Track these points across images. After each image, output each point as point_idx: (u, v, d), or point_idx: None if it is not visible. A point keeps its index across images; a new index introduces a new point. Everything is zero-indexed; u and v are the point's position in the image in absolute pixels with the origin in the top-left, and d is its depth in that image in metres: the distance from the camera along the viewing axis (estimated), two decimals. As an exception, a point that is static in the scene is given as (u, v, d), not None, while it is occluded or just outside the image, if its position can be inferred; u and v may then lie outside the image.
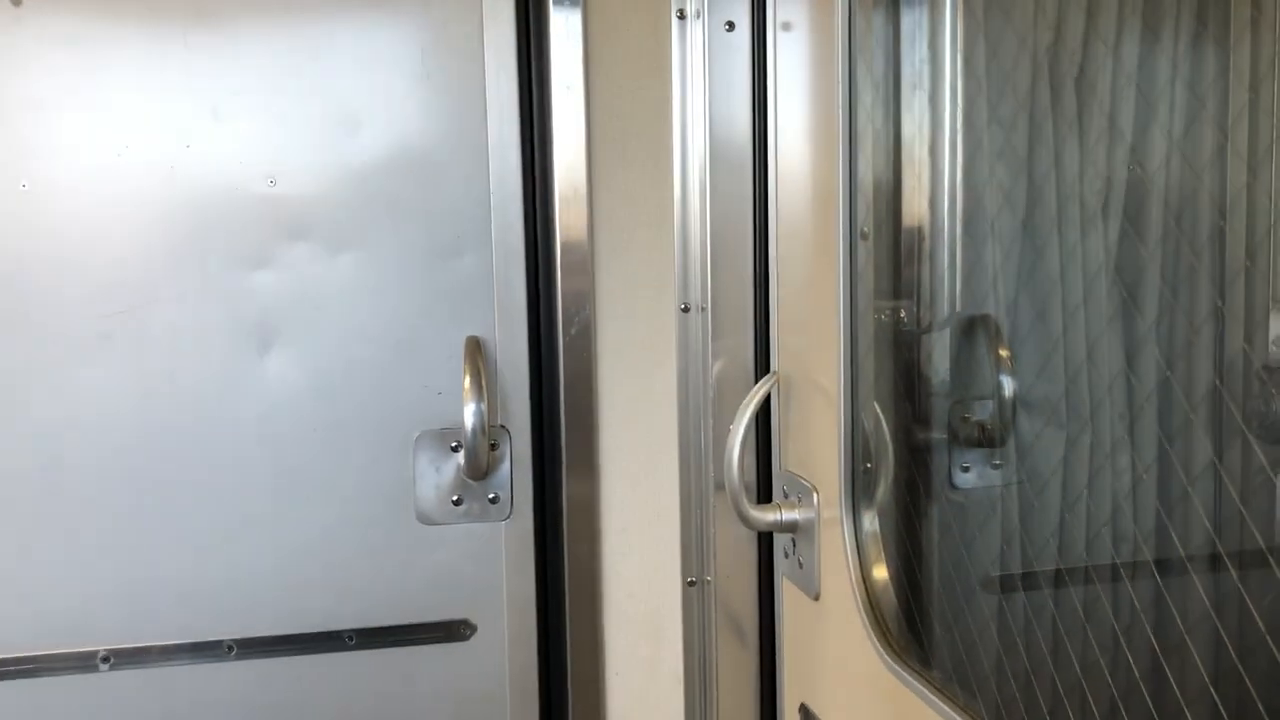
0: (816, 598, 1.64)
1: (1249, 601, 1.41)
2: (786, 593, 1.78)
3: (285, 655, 1.88)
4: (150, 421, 1.80)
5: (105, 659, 1.82)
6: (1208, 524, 1.53)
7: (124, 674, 1.83)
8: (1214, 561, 1.54)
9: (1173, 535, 1.55)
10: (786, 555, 1.75)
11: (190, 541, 1.83)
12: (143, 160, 1.76)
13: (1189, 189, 1.54)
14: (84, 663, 1.82)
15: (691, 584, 1.91)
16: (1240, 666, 1.35)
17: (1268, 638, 1.30)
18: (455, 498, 1.89)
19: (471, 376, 1.81)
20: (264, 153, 1.79)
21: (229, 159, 1.78)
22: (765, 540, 1.85)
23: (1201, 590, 1.48)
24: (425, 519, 1.89)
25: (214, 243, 1.79)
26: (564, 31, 1.79)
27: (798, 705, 1.76)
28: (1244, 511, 1.53)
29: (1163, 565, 1.55)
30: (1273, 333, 1.55)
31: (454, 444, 1.87)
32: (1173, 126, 1.54)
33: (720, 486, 1.83)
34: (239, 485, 1.84)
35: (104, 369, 1.78)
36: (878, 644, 1.46)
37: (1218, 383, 1.52)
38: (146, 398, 1.80)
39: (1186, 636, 1.46)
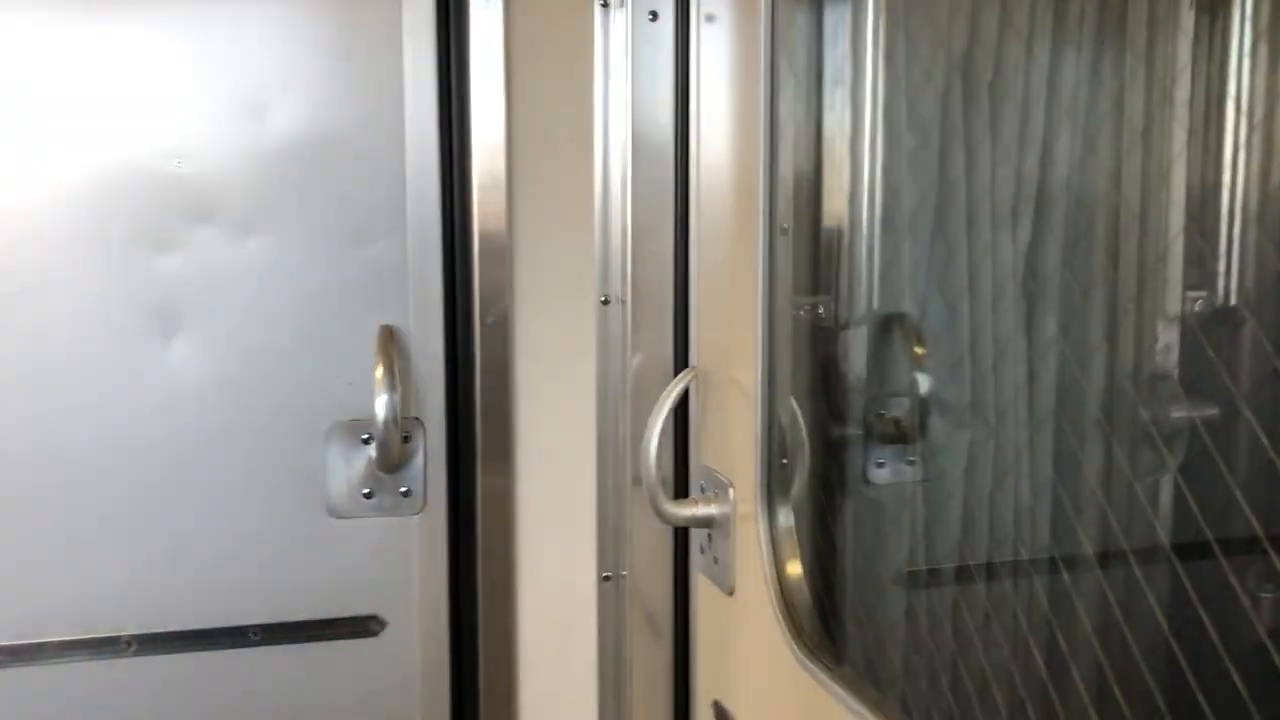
0: (731, 593, 1.64)
1: (1149, 596, 1.44)
2: (701, 588, 1.78)
3: (188, 651, 1.82)
4: (47, 410, 1.73)
5: (-6, 656, 1.75)
6: (1113, 521, 1.57)
7: (17, 671, 1.76)
8: (1116, 558, 1.57)
9: (1079, 532, 1.58)
10: (702, 550, 1.74)
11: (88, 534, 1.77)
12: (39, 136, 1.68)
13: (1097, 192, 1.57)
14: (-29, 660, 1.74)
15: (607, 579, 1.90)
16: (1142, 661, 1.38)
17: (1166, 632, 1.33)
18: (366, 491, 1.85)
19: (384, 367, 1.77)
20: (169, 130, 1.72)
21: (132, 136, 1.71)
22: (681, 535, 1.84)
23: (1106, 586, 1.51)
24: (335, 512, 1.84)
25: (115, 224, 1.73)
26: (485, 16, 1.76)
27: (710, 701, 1.75)
28: (1142, 508, 1.57)
29: (1069, 562, 1.58)
30: (1160, 341, 1.59)
31: (365, 436, 1.83)
32: (1083, 130, 1.56)
33: (637, 481, 1.82)
34: (140, 476, 1.77)
35: (-4, 353, 1.71)
36: (790, 640, 1.46)
37: (1118, 385, 1.56)
38: (41, 385, 1.73)
39: (1091, 632, 1.48)
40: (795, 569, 1.52)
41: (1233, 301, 1.59)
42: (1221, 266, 1.58)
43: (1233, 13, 1.54)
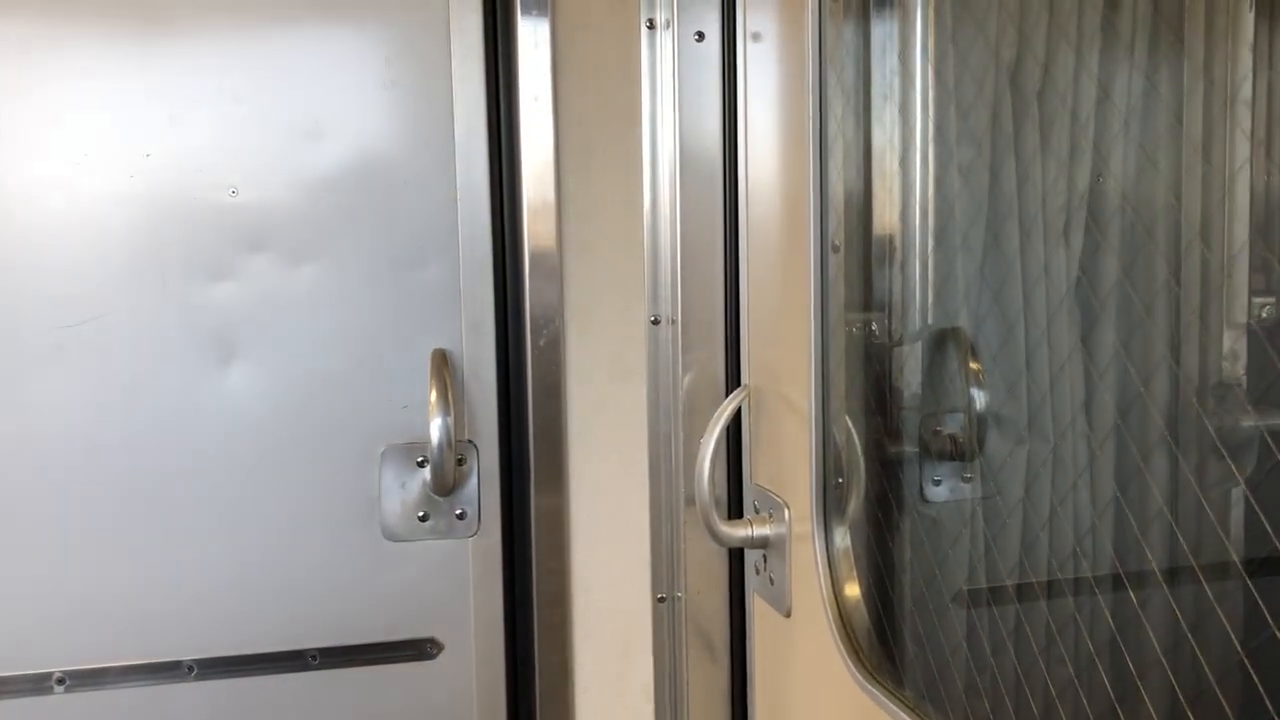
0: (788, 614, 1.62)
1: (1220, 613, 1.41)
2: (757, 609, 1.76)
3: (247, 675, 1.84)
4: (107, 436, 1.76)
5: (60, 680, 1.78)
6: (1180, 536, 1.53)
7: (80, 695, 1.79)
8: (1184, 574, 1.53)
9: (1145, 548, 1.55)
10: (758, 571, 1.73)
11: (149, 559, 1.79)
12: (100, 169, 1.72)
13: (1155, 203, 1.54)
14: (38, 685, 1.77)
15: (661, 600, 1.89)
16: (1212, 678, 1.34)
17: (1238, 647, 1.30)
18: (421, 513, 1.85)
19: (438, 390, 1.78)
20: (225, 162, 1.75)
21: (189, 168, 1.74)
22: (736, 556, 1.83)
23: (1173, 602, 1.47)
24: (391, 535, 1.85)
25: (173, 253, 1.75)
26: (532, 41, 1.77)
27: (769, 723, 1.74)
28: (1210, 523, 1.53)
29: (1135, 578, 1.55)
30: (1226, 348, 1.55)
31: (420, 459, 1.84)
32: (1140, 140, 1.54)
33: (691, 501, 1.81)
34: (199, 501, 1.80)
35: (59, 382, 1.74)
36: (849, 661, 1.44)
37: (1183, 397, 1.52)
38: (103, 412, 1.76)
39: (1159, 650, 1.45)
40: (853, 590, 1.50)
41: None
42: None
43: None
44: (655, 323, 1.84)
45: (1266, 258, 1.53)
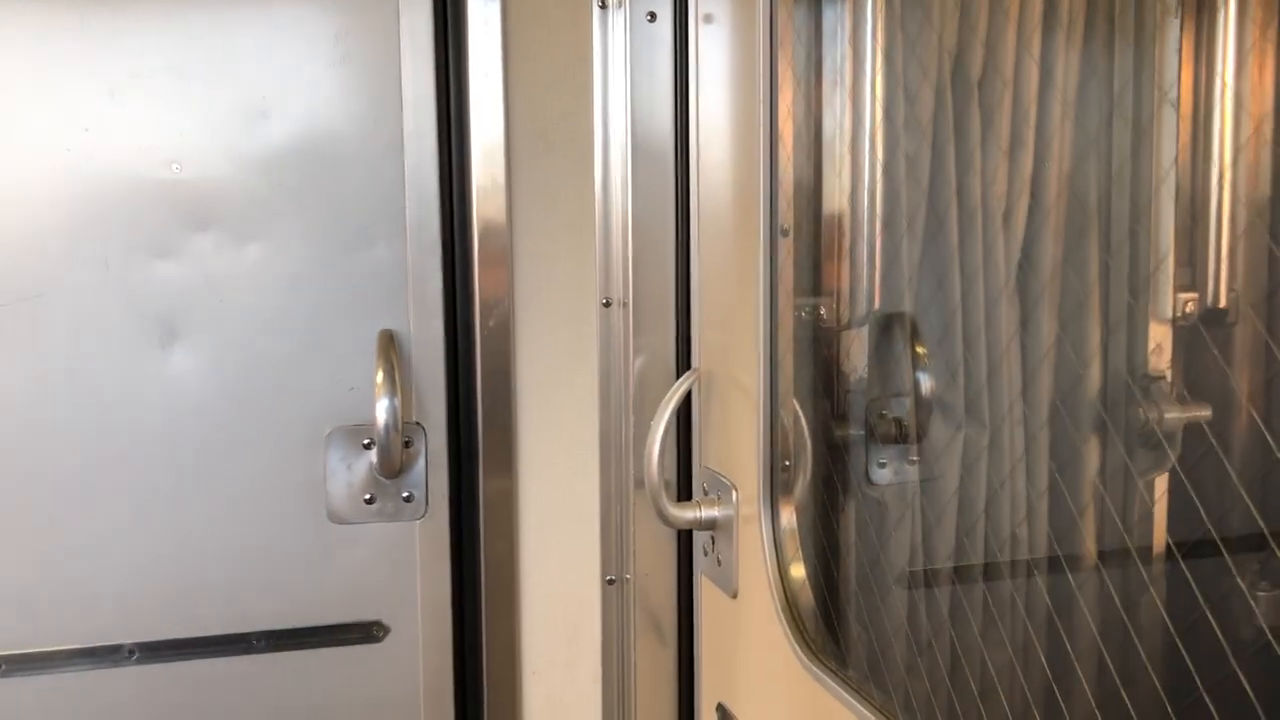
0: (735, 596, 1.63)
1: (1151, 594, 1.44)
2: (705, 591, 1.77)
3: (189, 659, 1.82)
4: (46, 417, 1.73)
5: (-3, 665, 1.75)
6: (1117, 520, 1.56)
7: (17, 680, 1.76)
8: (1117, 557, 1.57)
9: (1079, 532, 1.58)
10: (706, 553, 1.74)
11: (89, 542, 1.76)
12: (37, 143, 1.68)
13: (1094, 193, 1.57)
14: (-27, 670, 1.74)
15: (611, 582, 1.89)
16: (1144, 658, 1.37)
17: (1170, 629, 1.33)
18: (368, 496, 1.84)
19: (385, 371, 1.77)
20: (168, 138, 1.72)
21: (130, 144, 1.71)
22: (685, 538, 1.84)
23: (1108, 583, 1.50)
24: (337, 518, 1.84)
25: (115, 231, 1.72)
26: (482, 18, 1.75)
27: (715, 704, 1.75)
28: (1142, 507, 1.57)
29: (1070, 561, 1.58)
30: (1152, 341, 1.59)
31: (366, 441, 1.82)
32: (1079, 131, 1.56)
33: (640, 484, 1.82)
34: (141, 483, 1.77)
35: (-4, 362, 1.70)
36: (794, 642, 1.46)
37: (1115, 385, 1.55)
38: (42, 392, 1.72)
39: (1094, 631, 1.48)
40: (799, 571, 1.52)
41: (1223, 303, 1.59)
42: (1212, 268, 1.58)
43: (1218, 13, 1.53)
44: (607, 305, 1.84)
45: (1192, 254, 1.56)
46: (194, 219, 1.74)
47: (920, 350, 1.65)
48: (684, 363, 1.80)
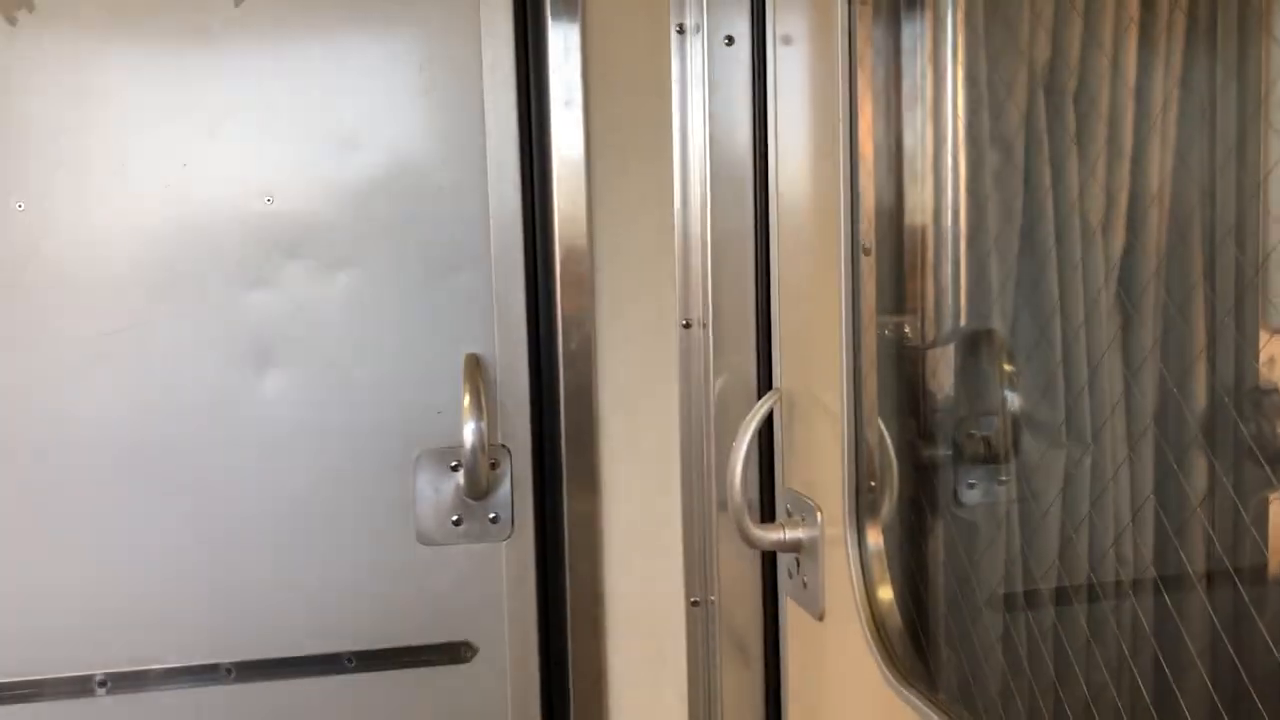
0: (821, 618, 1.62)
1: (1256, 618, 1.39)
2: (790, 613, 1.76)
3: (284, 678, 1.85)
4: (147, 441, 1.79)
5: (102, 683, 1.80)
6: (1215, 541, 1.51)
7: (121, 698, 1.81)
8: (1219, 579, 1.52)
9: (1180, 553, 1.53)
10: (790, 575, 1.72)
11: (188, 563, 1.81)
12: (138, 179, 1.75)
13: (1190, 204, 1.53)
14: (81, 687, 1.80)
15: (695, 604, 1.89)
16: (1249, 683, 1.33)
17: (1276, 652, 1.28)
18: (455, 518, 1.87)
19: (471, 394, 1.79)
20: (261, 170, 1.77)
21: (226, 177, 1.77)
22: (769, 560, 1.83)
23: (1209, 607, 1.46)
24: (425, 539, 1.87)
25: (211, 261, 1.78)
26: (562, 47, 1.78)
27: (803, 727, 1.73)
28: (1246, 530, 1.52)
29: (1169, 583, 1.53)
30: (1263, 354, 1.54)
31: (454, 463, 1.85)
32: (1174, 141, 1.52)
33: (723, 505, 1.81)
34: (237, 506, 1.82)
35: (101, 388, 1.77)
36: (882, 665, 1.44)
37: (1220, 402, 1.51)
38: (144, 417, 1.78)
39: (1195, 655, 1.43)
40: (886, 593, 1.49)
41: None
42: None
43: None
44: (687, 326, 1.84)
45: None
46: (286, 248, 1.79)
47: (1008, 368, 1.62)
48: (765, 383, 1.80)
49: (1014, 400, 1.60)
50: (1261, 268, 1.51)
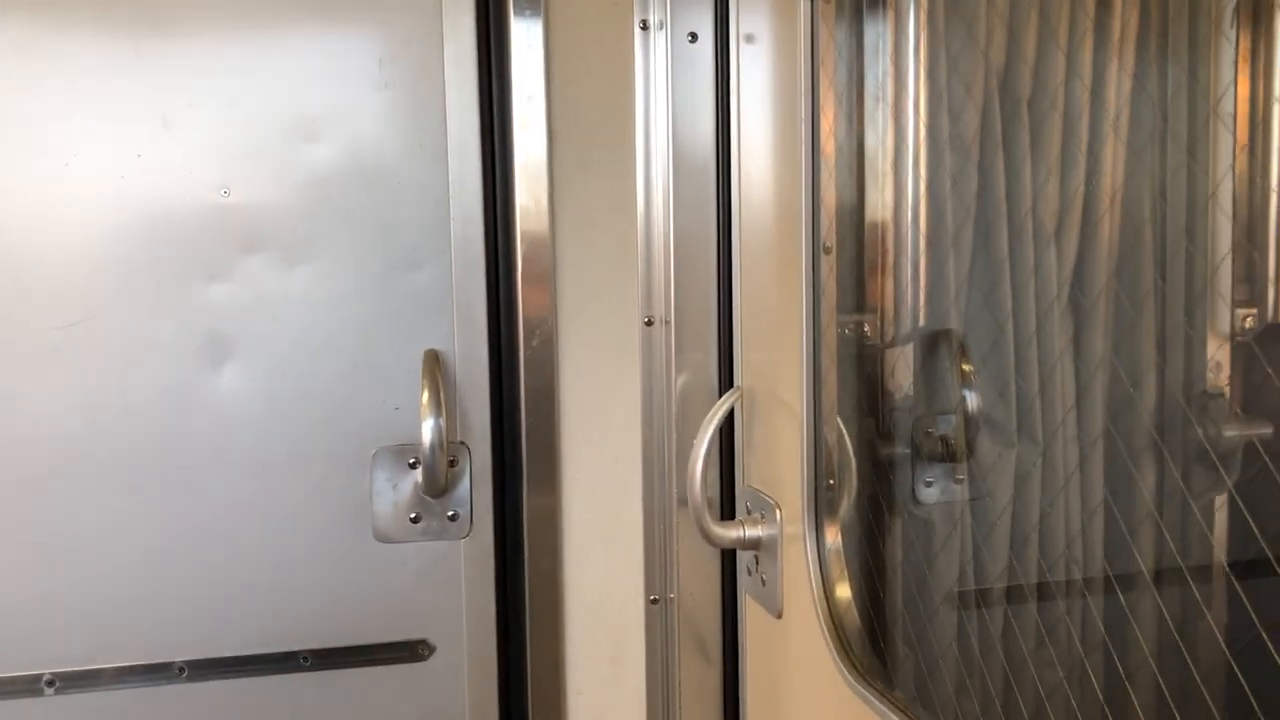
0: (779, 616, 1.62)
1: (1207, 615, 1.41)
2: (749, 611, 1.76)
3: (239, 677, 1.84)
4: (100, 437, 1.76)
5: (50, 682, 1.77)
6: (1170, 541, 1.54)
7: (71, 698, 1.79)
8: (1173, 576, 1.54)
9: (1135, 551, 1.55)
10: (750, 573, 1.73)
11: (140, 560, 1.79)
12: (92, 170, 1.72)
13: (1145, 207, 1.55)
14: (28, 687, 1.77)
15: (654, 602, 1.89)
16: (1199, 680, 1.34)
17: (1225, 650, 1.30)
18: (413, 515, 1.85)
19: (430, 391, 1.78)
20: (218, 163, 1.75)
21: (181, 169, 1.74)
22: (728, 557, 1.83)
23: (1162, 605, 1.48)
24: (383, 537, 1.85)
25: (166, 254, 1.75)
26: (525, 42, 1.77)
27: (761, 724, 1.74)
28: (1197, 527, 1.54)
29: (1123, 580, 1.55)
30: (1211, 359, 1.56)
31: (412, 460, 1.84)
32: (1129, 144, 1.54)
33: (683, 503, 1.81)
34: (191, 503, 1.79)
35: (52, 383, 1.74)
36: (840, 662, 1.44)
37: (1172, 403, 1.53)
38: (96, 412, 1.76)
39: (1148, 652, 1.45)
40: (844, 591, 1.50)
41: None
42: (1272, 283, 1.55)
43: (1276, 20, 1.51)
44: (649, 324, 1.84)
45: (1250, 268, 1.53)
46: (243, 242, 1.77)
47: (967, 367, 1.63)
48: (726, 381, 1.80)
49: (971, 399, 1.62)
50: (1211, 274, 1.53)
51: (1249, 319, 1.56)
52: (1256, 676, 1.19)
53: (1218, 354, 1.56)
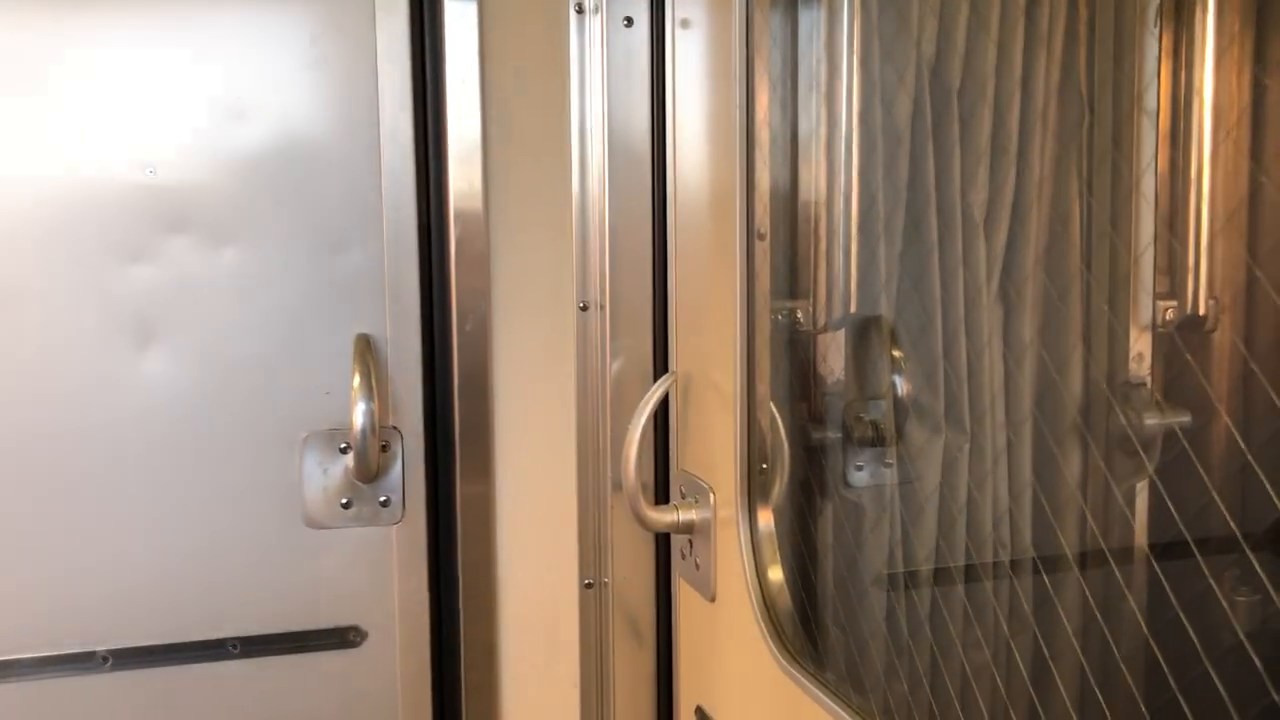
0: (713, 599, 1.63)
1: (1129, 598, 1.45)
2: (683, 594, 1.77)
3: (165, 665, 1.80)
4: (19, 422, 1.71)
5: (-32, 673, 1.73)
6: (1092, 524, 1.57)
7: (-10, 688, 1.74)
8: (1093, 559, 1.58)
9: (1058, 535, 1.58)
10: (684, 556, 1.74)
11: (62, 546, 1.74)
12: (10, 148, 1.67)
13: (1070, 197, 1.58)
14: (-56, 677, 1.72)
15: (589, 586, 1.89)
16: (1120, 662, 1.38)
17: (1145, 632, 1.34)
18: (344, 500, 1.83)
19: (361, 375, 1.76)
20: (143, 140, 1.71)
21: (104, 146, 1.70)
22: (663, 541, 1.84)
23: (1085, 587, 1.51)
24: (313, 523, 1.83)
25: (89, 234, 1.71)
26: (459, 23, 1.75)
27: (694, 708, 1.75)
28: (1118, 511, 1.58)
29: (1046, 563, 1.59)
30: (1133, 349, 1.60)
31: (343, 445, 1.81)
32: (1055, 135, 1.57)
33: (618, 487, 1.81)
34: (115, 488, 1.75)
35: (-33, 366, 1.69)
36: (772, 645, 1.46)
37: (1095, 391, 1.56)
38: (15, 396, 1.71)
39: (1071, 633, 1.49)
40: (776, 574, 1.52)
41: (1203, 310, 1.60)
42: (1191, 275, 1.59)
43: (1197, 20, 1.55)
44: (584, 309, 1.84)
45: (1171, 261, 1.57)
46: (169, 222, 1.73)
47: (896, 354, 1.66)
48: (661, 366, 1.80)
49: (901, 385, 1.64)
50: (1133, 266, 1.57)
51: (1169, 310, 1.60)
52: (1174, 655, 1.22)
53: (1139, 344, 1.60)
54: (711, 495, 1.61)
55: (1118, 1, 1.53)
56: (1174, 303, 1.59)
